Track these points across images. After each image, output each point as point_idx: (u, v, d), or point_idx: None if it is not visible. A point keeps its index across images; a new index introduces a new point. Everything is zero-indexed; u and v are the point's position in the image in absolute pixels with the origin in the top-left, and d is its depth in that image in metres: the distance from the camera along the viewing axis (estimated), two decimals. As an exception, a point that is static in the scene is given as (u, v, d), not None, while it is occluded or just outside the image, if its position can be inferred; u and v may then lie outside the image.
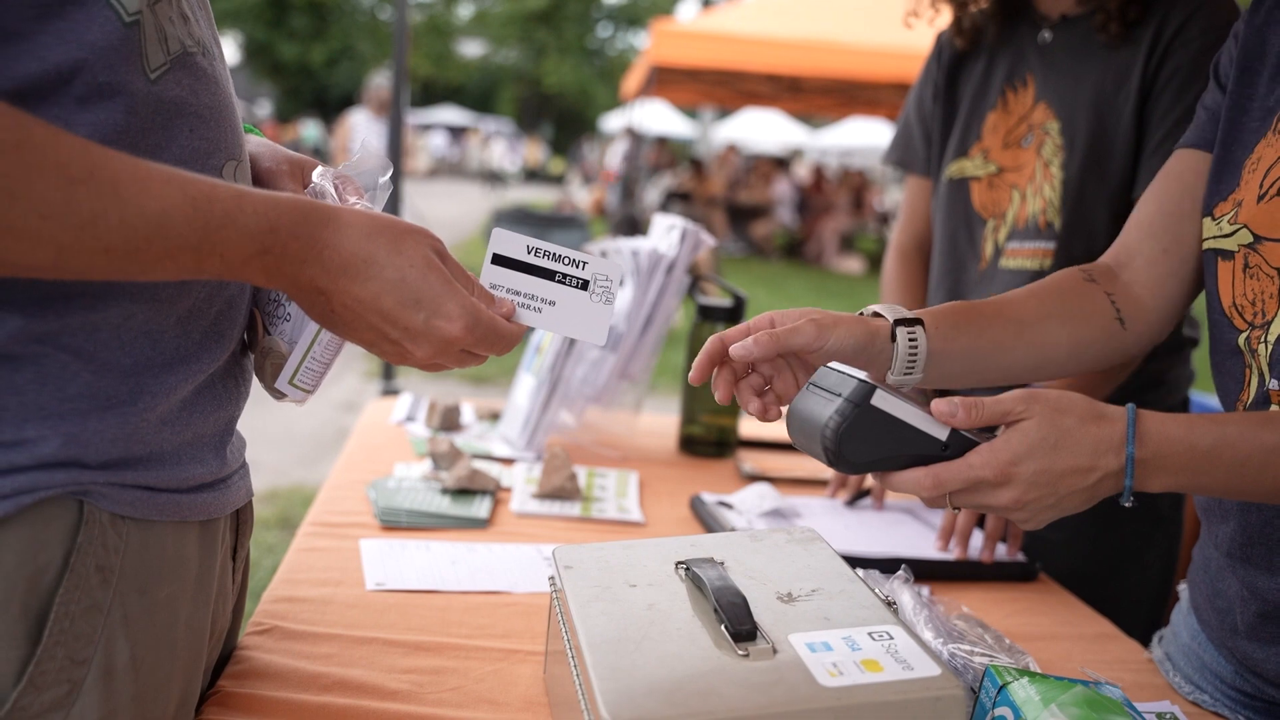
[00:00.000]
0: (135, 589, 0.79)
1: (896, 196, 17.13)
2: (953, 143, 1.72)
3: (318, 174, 0.93)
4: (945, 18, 1.76)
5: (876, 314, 1.02)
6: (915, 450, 0.90)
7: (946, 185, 1.72)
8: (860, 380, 0.90)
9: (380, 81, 7.92)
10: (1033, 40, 1.63)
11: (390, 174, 0.95)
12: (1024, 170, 1.61)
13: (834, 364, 0.96)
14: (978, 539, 1.47)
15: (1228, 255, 1.04)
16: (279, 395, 0.93)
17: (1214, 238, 1.06)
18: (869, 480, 1.63)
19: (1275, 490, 0.92)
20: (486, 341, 0.86)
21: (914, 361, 1.00)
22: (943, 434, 0.90)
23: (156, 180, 0.70)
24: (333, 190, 0.92)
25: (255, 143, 0.98)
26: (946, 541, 1.46)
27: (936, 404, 0.91)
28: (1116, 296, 1.11)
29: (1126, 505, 0.91)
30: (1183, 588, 1.23)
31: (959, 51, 1.74)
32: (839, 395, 0.90)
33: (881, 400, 0.89)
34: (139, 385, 0.79)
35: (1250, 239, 1.01)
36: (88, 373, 0.76)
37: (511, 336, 0.88)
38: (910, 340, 0.99)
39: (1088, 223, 1.56)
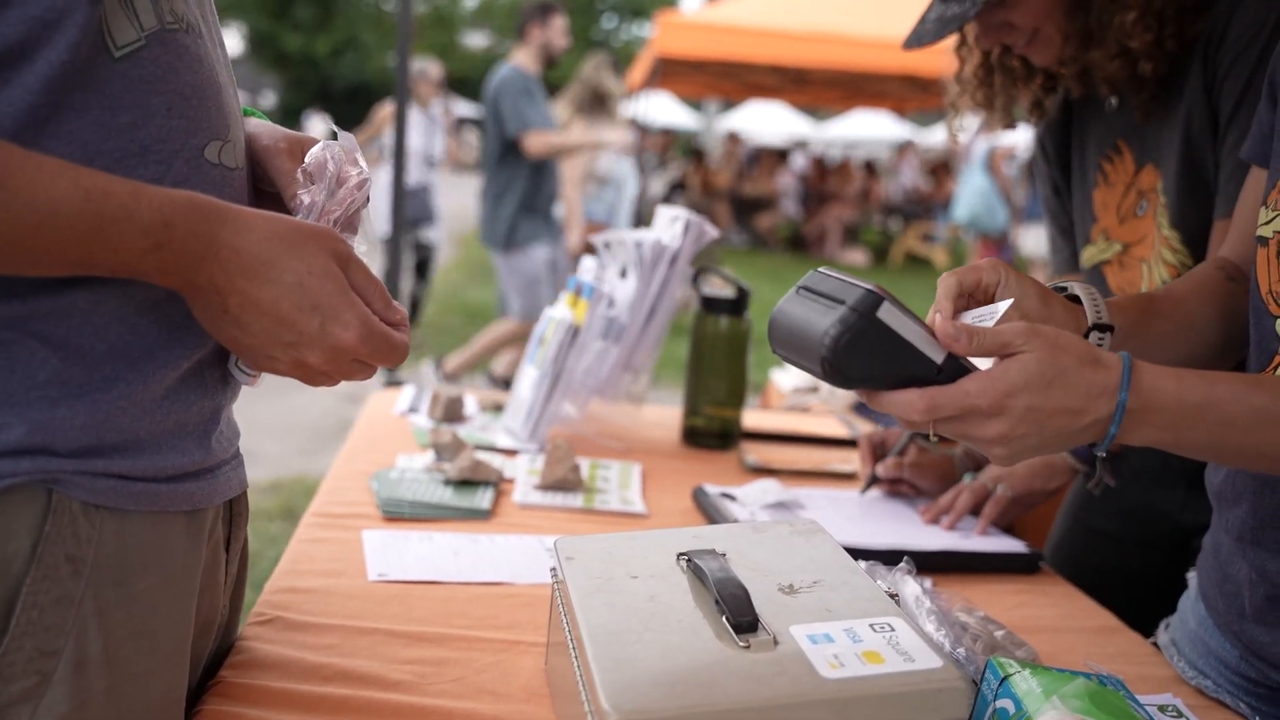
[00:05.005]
0: (110, 580, 0.78)
1: (903, 185, 17.05)
2: (1079, 233, 1.64)
3: (317, 147, 0.92)
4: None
5: (1075, 298, 1.01)
6: (907, 371, 0.85)
7: (1087, 276, 1.65)
8: (867, 289, 0.84)
9: (423, 67, 7.54)
10: (1102, 109, 1.53)
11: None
12: (1146, 241, 1.52)
13: (828, 269, 0.90)
14: (973, 539, 1.48)
15: (1264, 242, 1.02)
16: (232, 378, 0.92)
17: (1260, 224, 1.04)
18: (880, 468, 1.63)
19: (1258, 454, 0.90)
20: (380, 352, 0.84)
21: None
22: (939, 357, 0.86)
23: (47, 172, 0.69)
24: (331, 161, 0.90)
25: (254, 124, 0.97)
26: (934, 516, 1.51)
27: (942, 326, 0.87)
28: None
29: (1100, 456, 0.89)
30: (1191, 575, 1.23)
31: (1059, 141, 1.65)
32: (841, 303, 0.84)
33: (887, 314, 0.84)
34: (114, 372, 0.78)
35: None
36: (57, 359, 0.75)
37: (403, 348, 0.86)
38: (1098, 344, 0.97)
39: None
